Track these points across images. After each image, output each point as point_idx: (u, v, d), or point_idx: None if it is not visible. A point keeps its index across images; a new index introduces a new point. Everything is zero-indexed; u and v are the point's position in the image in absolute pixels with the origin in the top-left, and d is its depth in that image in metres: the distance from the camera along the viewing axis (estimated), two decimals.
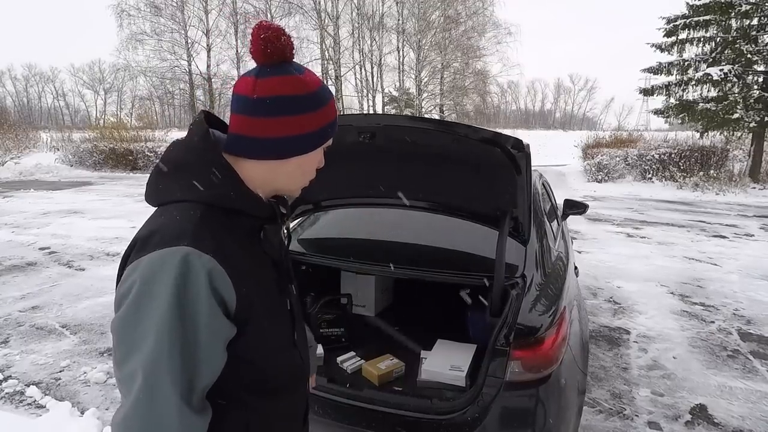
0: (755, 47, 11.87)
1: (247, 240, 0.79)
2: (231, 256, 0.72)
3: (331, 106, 0.85)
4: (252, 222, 0.81)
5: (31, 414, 2.55)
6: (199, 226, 0.72)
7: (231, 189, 0.77)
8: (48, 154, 18.24)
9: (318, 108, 0.81)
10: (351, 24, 22.63)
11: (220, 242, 0.72)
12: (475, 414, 1.49)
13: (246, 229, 0.80)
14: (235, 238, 0.76)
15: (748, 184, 11.93)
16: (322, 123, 0.82)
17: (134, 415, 0.65)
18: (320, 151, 0.87)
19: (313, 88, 0.81)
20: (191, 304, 0.67)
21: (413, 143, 1.73)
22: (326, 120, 0.83)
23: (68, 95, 69.08)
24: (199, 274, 0.67)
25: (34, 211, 8.72)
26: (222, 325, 0.71)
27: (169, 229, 0.71)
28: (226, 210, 0.77)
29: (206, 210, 0.74)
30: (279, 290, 0.86)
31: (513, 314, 1.59)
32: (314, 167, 0.88)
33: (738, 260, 5.58)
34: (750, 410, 2.59)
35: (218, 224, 0.74)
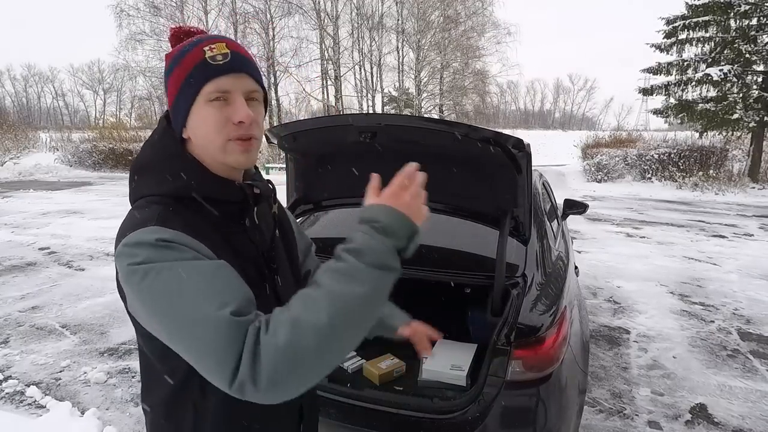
0: (754, 47, 11.89)
1: (226, 228, 0.77)
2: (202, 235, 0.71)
3: (191, 55, 0.74)
4: (226, 208, 0.78)
5: (32, 414, 2.55)
6: (165, 212, 0.72)
7: (192, 178, 0.76)
8: (47, 155, 18.24)
9: (173, 69, 0.75)
10: (350, 24, 22.63)
11: (189, 223, 0.71)
12: (476, 413, 1.50)
13: (222, 215, 0.77)
14: (208, 224, 0.74)
15: (747, 183, 11.95)
16: (178, 81, 0.74)
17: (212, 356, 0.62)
18: (203, 104, 0.74)
19: (173, 51, 0.77)
20: (178, 249, 0.67)
21: (414, 143, 1.73)
22: (182, 75, 0.74)
23: (67, 95, 69.11)
24: (163, 232, 0.68)
25: (34, 211, 8.72)
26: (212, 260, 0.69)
27: (137, 218, 0.72)
28: (194, 200, 0.75)
29: (173, 201, 0.74)
30: (261, 281, 0.81)
31: (514, 314, 1.60)
32: (213, 123, 0.74)
33: (737, 260, 5.58)
34: (750, 409, 2.59)
35: (188, 213, 0.74)
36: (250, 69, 0.77)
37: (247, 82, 0.76)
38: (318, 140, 1.92)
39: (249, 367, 0.60)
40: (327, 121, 1.82)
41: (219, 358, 0.61)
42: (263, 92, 0.81)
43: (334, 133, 1.81)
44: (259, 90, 0.79)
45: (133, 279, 0.66)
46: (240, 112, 0.74)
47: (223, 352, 0.61)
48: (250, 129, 0.76)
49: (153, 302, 0.65)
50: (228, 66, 0.74)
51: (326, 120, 1.82)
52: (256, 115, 0.77)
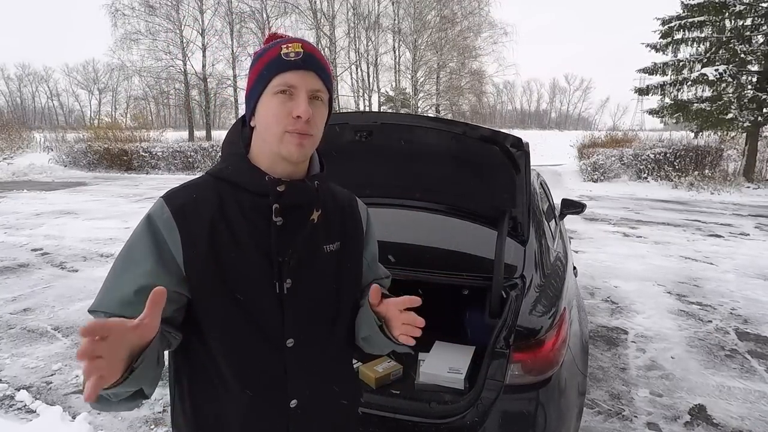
0: (749, 47, 11.94)
1: (245, 218, 0.81)
2: (195, 221, 0.79)
3: (272, 51, 0.81)
4: (255, 199, 0.82)
5: (21, 419, 2.50)
6: (186, 187, 0.83)
7: (230, 163, 0.84)
8: (41, 155, 18.09)
9: (254, 63, 0.83)
10: (347, 24, 22.60)
11: (193, 206, 0.80)
12: (475, 418, 1.47)
13: (248, 207, 0.82)
14: (225, 213, 0.80)
15: (742, 183, 12.00)
16: (255, 74, 0.82)
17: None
18: (270, 95, 0.79)
19: (262, 47, 0.84)
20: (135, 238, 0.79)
21: (411, 142, 1.71)
22: (258, 68, 0.81)
23: (62, 95, 68.58)
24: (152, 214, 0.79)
25: (27, 211, 8.63)
26: (156, 267, 0.76)
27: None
28: (230, 183, 0.83)
29: (209, 179, 0.84)
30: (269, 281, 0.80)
31: (512, 316, 1.57)
32: (275, 114, 0.78)
33: (734, 259, 5.59)
34: (749, 410, 2.58)
35: (212, 193, 0.81)
36: (319, 69, 0.81)
37: (313, 81, 0.80)
38: None
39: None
40: None
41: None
42: (329, 94, 0.84)
43: (330, 132, 1.78)
44: (324, 91, 0.82)
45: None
46: (300, 107, 0.78)
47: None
48: (308, 126, 0.79)
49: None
50: (298, 63, 0.79)
51: None
52: (316, 113, 0.81)
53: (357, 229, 0.97)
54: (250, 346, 0.81)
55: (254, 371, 0.82)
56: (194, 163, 16.00)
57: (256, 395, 0.82)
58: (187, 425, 0.86)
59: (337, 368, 0.94)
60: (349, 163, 1.95)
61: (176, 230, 0.77)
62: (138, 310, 0.62)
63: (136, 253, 0.78)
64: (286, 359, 0.84)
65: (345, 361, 0.98)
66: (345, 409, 0.96)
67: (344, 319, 0.93)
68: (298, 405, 0.85)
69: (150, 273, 0.75)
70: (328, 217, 0.90)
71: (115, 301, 0.75)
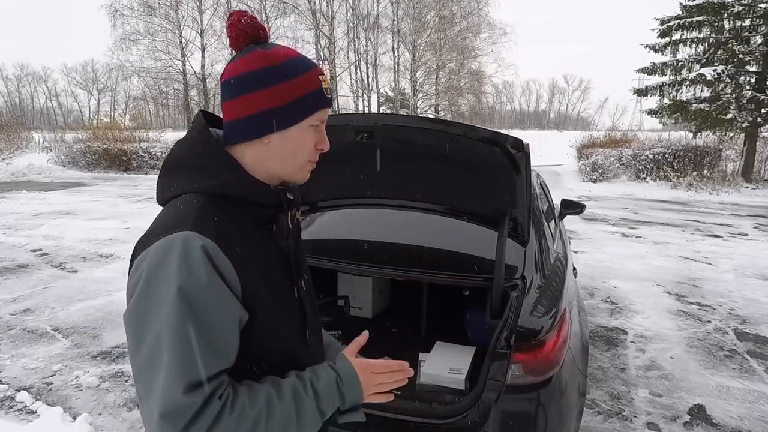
0: (747, 48, 11.97)
1: (256, 231, 0.80)
2: (234, 243, 0.73)
3: (309, 76, 0.80)
4: (258, 211, 0.80)
5: (22, 420, 2.50)
6: (202, 212, 0.73)
7: (231, 177, 0.77)
8: (40, 155, 18.05)
9: (286, 79, 0.78)
10: (346, 24, 22.61)
11: (223, 229, 0.72)
12: (476, 418, 1.47)
13: (253, 219, 0.80)
14: (240, 228, 0.76)
15: (741, 183, 12.03)
16: (295, 94, 0.78)
17: (154, 404, 0.64)
18: (307, 126, 0.81)
19: (278, 60, 0.78)
20: (196, 285, 0.66)
21: (411, 143, 1.71)
22: (301, 91, 0.78)
23: (61, 95, 68.52)
24: (198, 252, 0.67)
25: (27, 212, 8.62)
26: (230, 304, 0.70)
27: (173, 218, 0.73)
28: (231, 199, 0.77)
29: (208, 199, 0.75)
30: (289, 285, 0.85)
31: (513, 316, 1.57)
32: (306, 145, 0.82)
33: (733, 259, 5.61)
34: (748, 410, 2.59)
35: (222, 212, 0.75)
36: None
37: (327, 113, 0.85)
38: None
39: None
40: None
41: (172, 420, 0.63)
42: None
43: (331, 133, 1.78)
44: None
45: (140, 278, 0.69)
46: (327, 143, 0.85)
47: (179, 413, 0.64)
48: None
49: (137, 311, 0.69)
50: (330, 101, 0.84)
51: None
52: None
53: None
54: (292, 347, 0.84)
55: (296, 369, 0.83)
56: None
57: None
58: None
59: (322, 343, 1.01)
60: (350, 163, 1.96)
61: (227, 260, 0.70)
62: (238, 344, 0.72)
63: (211, 293, 0.68)
64: (311, 350, 0.89)
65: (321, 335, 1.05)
66: None
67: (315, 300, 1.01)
68: None
69: (235, 304, 0.71)
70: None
71: (232, 351, 0.71)
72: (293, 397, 0.73)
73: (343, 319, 2.23)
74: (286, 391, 0.73)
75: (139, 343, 0.66)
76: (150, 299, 0.66)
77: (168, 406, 0.63)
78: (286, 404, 0.72)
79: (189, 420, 0.63)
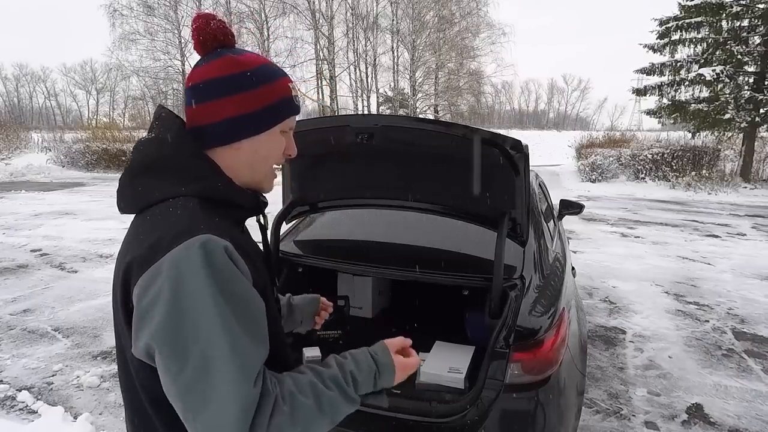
0: (746, 48, 12.01)
1: (242, 227, 0.84)
2: (238, 243, 0.72)
3: (279, 84, 0.80)
4: (237, 213, 0.81)
5: (23, 419, 2.51)
6: (205, 215, 0.71)
7: (217, 180, 0.77)
8: (39, 155, 18.04)
9: (256, 86, 0.77)
10: (345, 24, 22.60)
11: (227, 230, 0.73)
12: (475, 417, 1.48)
13: (233, 220, 0.80)
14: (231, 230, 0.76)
15: (739, 183, 12.06)
16: (264, 102, 0.77)
17: (223, 409, 0.61)
18: (277, 134, 0.81)
19: (250, 66, 0.77)
20: (230, 283, 0.66)
21: (411, 144, 1.72)
22: (270, 99, 0.78)
23: (60, 95, 68.34)
24: (221, 253, 0.66)
25: (26, 212, 8.62)
26: (257, 296, 0.71)
27: (177, 225, 0.68)
28: (217, 202, 0.76)
29: (200, 202, 0.73)
30: (270, 282, 0.87)
31: (512, 316, 1.59)
32: (275, 152, 0.82)
33: (731, 259, 5.63)
34: (745, 409, 2.60)
35: (216, 215, 0.74)
36: None
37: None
38: (314, 141, 1.90)
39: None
40: (323, 121, 1.80)
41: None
42: None
43: (331, 134, 1.80)
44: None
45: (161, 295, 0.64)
46: (294, 149, 0.86)
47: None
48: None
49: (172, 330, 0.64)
50: (299, 108, 0.85)
51: (323, 121, 1.80)
52: None
53: None
54: (283, 339, 0.86)
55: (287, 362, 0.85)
56: None
57: None
58: None
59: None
60: (351, 164, 1.97)
61: (240, 257, 0.70)
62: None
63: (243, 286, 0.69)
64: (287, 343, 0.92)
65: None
66: None
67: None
68: None
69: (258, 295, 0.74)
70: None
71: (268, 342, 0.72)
72: (339, 390, 0.75)
73: (343, 319, 2.24)
74: (331, 384, 0.75)
75: (183, 360, 0.62)
76: (184, 314, 0.63)
77: (245, 403, 0.62)
78: (333, 395, 0.74)
79: (260, 409, 0.64)
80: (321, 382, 0.74)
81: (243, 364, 0.63)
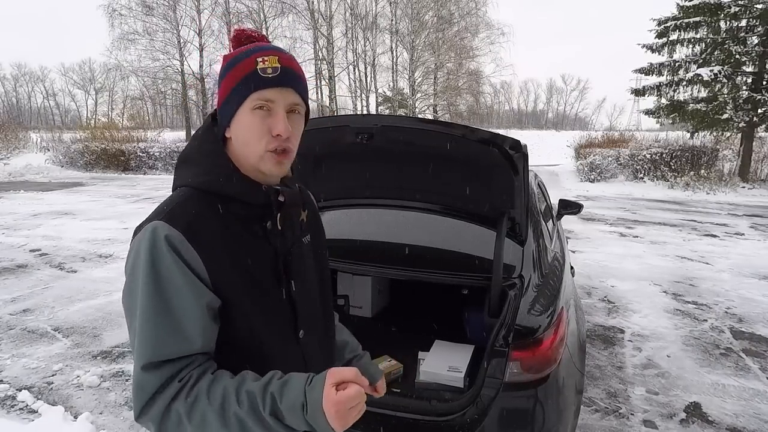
0: (744, 48, 12.03)
1: (247, 227, 0.81)
2: (205, 235, 0.76)
3: (243, 64, 0.78)
4: (249, 210, 0.82)
5: (23, 419, 2.51)
6: (181, 205, 0.77)
7: (220, 175, 0.80)
8: (38, 155, 18.01)
9: (227, 71, 0.80)
10: (344, 24, 22.61)
11: (196, 221, 0.76)
12: (474, 415, 1.49)
13: (244, 216, 0.81)
14: (225, 223, 0.79)
15: (737, 183, 12.08)
16: (230, 85, 0.79)
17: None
18: (249, 111, 0.78)
19: (228, 58, 0.82)
20: (159, 272, 0.72)
21: (411, 144, 1.73)
22: (234, 81, 0.79)
23: (58, 95, 68.22)
24: (162, 241, 0.72)
25: (25, 212, 8.61)
26: (195, 289, 0.73)
27: (157, 209, 0.79)
28: (220, 196, 0.80)
29: (196, 193, 0.79)
30: (276, 283, 0.85)
31: (511, 315, 1.60)
32: (254, 131, 0.79)
33: (729, 259, 5.64)
34: (743, 407, 2.61)
35: (206, 207, 0.78)
36: (296, 84, 0.81)
37: (290, 96, 0.81)
38: (314, 141, 1.91)
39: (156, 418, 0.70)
40: (323, 122, 1.81)
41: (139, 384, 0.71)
42: (306, 106, 0.86)
43: (331, 134, 1.81)
44: (301, 104, 0.83)
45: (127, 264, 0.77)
46: (279, 125, 0.78)
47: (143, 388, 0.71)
48: (287, 141, 0.80)
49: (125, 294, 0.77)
50: (276, 80, 0.78)
51: (322, 121, 1.81)
52: (294, 128, 0.82)
53: (318, 220, 1.06)
54: (275, 344, 0.84)
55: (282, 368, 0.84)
56: None
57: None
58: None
59: (333, 345, 1.04)
60: (351, 164, 1.98)
61: (192, 249, 0.73)
62: (212, 330, 0.75)
63: (174, 279, 0.72)
64: (303, 350, 0.89)
65: (333, 336, 1.07)
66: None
67: (329, 300, 1.03)
68: None
69: (201, 289, 0.74)
70: (310, 215, 0.98)
71: (196, 335, 0.72)
72: (250, 409, 0.68)
73: (343, 318, 2.25)
74: (244, 399, 0.69)
75: (129, 318, 0.75)
76: (132, 282, 0.74)
77: (134, 381, 0.71)
78: (241, 413, 0.68)
79: (149, 397, 0.70)
80: (235, 394, 0.69)
81: (143, 348, 0.71)
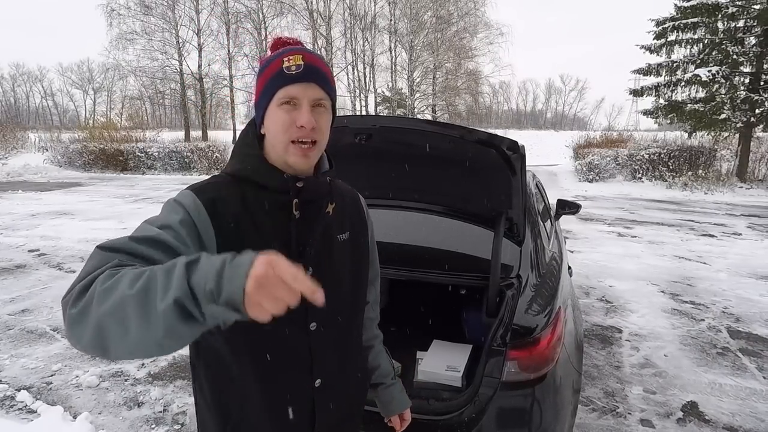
0: (741, 49, 12.06)
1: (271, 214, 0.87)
2: (225, 211, 0.83)
3: (274, 64, 0.86)
4: (274, 198, 0.88)
5: (22, 419, 2.51)
6: (212, 185, 0.87)
7: (249, 164, 0.89)
8: (36, 155, 17.99)
9: (260, 73, 0.89)
10: (343, 24, 22.62)
11: (220, 197, 0.84)
12: (472, 414, 1.50)
13: (267, 204, 0.87)
14: (249, 206, 0.86)
15: (735, 183, 12.12)
16: (263, 84, 0.87)
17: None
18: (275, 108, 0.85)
19: (266, 57, 0.90)
20: (169, 213, 0.80)
21: (410, 144, 1.74)
22: (266, 79, 0.87)
23: (56, 95, 68.10)
24: (186, 198, 0.82)
25: (23, 212, 8.60)
26: (169, 226, 0.77)
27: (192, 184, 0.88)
28: (249, 182, 0.88)
29: (228, 178, 0.89)
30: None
31: (509, 314, 1.61)
32: (280, 125, 0.85)
33: (726, 259, 5.66)
34: (740, 407, 2.63)
35: (233, 191, 0.86)
36: (319, 79, 0.86)
37: (314, 91, 0.86)
38: None
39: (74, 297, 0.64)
40: None
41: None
42: (332, 101, 0.91)
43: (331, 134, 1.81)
44: (326, 98, 0.88)
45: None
46: (303, 117, 0.84)
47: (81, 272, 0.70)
48: (312, 133, 0.85)
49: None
50: (299, 76, 0.84)
51: None
52: (320, 120, 0.87)
53: (362, 220, 1.08)
54: (279, 332, 0.86)
55: (283, 355, 0.88)
56: (190, 163, 15.96)
57: (283, 379, 0.89)
58: (213, 419, 0.91)
59: (354, 347, 1.04)
60: (349, 165, 1.98)
61: (209, 221, 0.81)
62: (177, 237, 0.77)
63: (178, 216, 0.80)
64: (311, 342, 0.91)
65: (359, 339, 1.08)
66: (361, 382, 1.07)
67: (358, 301, 1.04)
68: (322, 384, 0.93)
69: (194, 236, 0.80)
70: (339, 210, 0.99)
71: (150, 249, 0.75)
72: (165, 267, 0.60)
73: None
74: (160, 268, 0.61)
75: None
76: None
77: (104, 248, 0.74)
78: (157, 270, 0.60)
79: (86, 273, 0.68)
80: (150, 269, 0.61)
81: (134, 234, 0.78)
